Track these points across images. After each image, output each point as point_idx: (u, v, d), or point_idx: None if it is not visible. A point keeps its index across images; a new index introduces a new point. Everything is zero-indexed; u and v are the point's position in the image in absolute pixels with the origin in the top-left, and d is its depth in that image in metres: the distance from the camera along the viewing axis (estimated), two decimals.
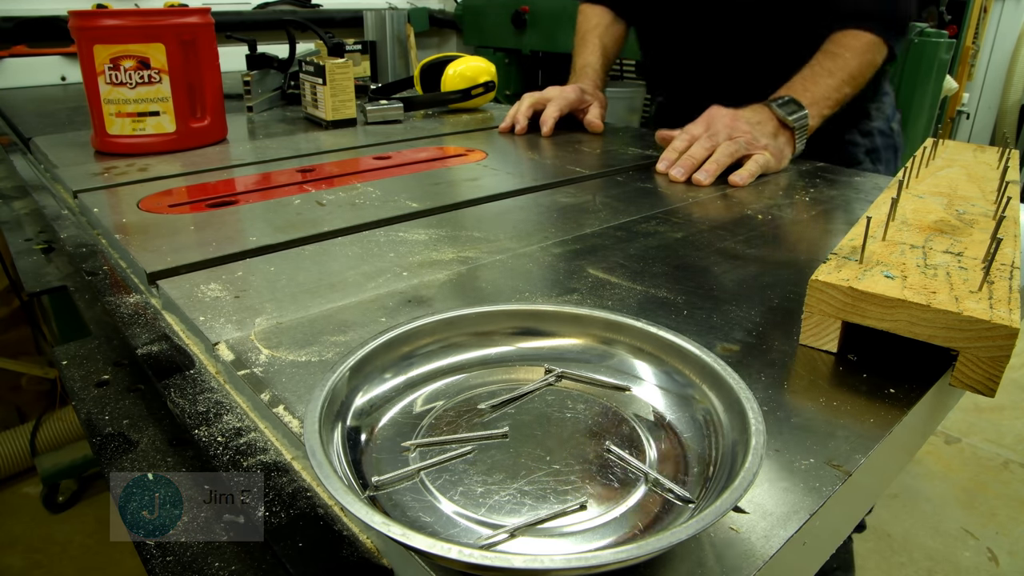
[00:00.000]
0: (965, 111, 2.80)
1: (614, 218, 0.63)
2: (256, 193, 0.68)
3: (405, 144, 0.93)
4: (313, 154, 0.86)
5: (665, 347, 0.32)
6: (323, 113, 1.04)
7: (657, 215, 0.64)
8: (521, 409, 0.32)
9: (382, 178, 0.74)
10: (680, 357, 0.32)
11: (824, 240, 0.59)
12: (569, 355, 0.34)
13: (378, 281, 0.47)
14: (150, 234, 0.55)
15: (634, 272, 0.50)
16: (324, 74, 1.01)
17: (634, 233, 0.58)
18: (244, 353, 0.38)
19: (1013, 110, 2.79)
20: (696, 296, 0.46)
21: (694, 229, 0.60)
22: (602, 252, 0.54)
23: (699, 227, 0.60)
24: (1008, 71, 2.76)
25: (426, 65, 1.25)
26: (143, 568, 0.44)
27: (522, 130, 0.99)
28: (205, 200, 0.65)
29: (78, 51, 0.78)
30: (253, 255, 0.52)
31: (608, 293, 0.46)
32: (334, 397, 0.29)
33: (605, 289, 0.47)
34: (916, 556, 1.53)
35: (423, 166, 0.80)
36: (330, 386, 0.29)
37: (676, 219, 0.62)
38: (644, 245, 0.56)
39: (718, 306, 0.45)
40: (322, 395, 0.28)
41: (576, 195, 0.70)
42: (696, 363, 0.31)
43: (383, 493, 0.27)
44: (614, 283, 0.48)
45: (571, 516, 0.26)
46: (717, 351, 0.38)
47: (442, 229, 0.58)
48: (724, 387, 0.29)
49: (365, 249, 0.53)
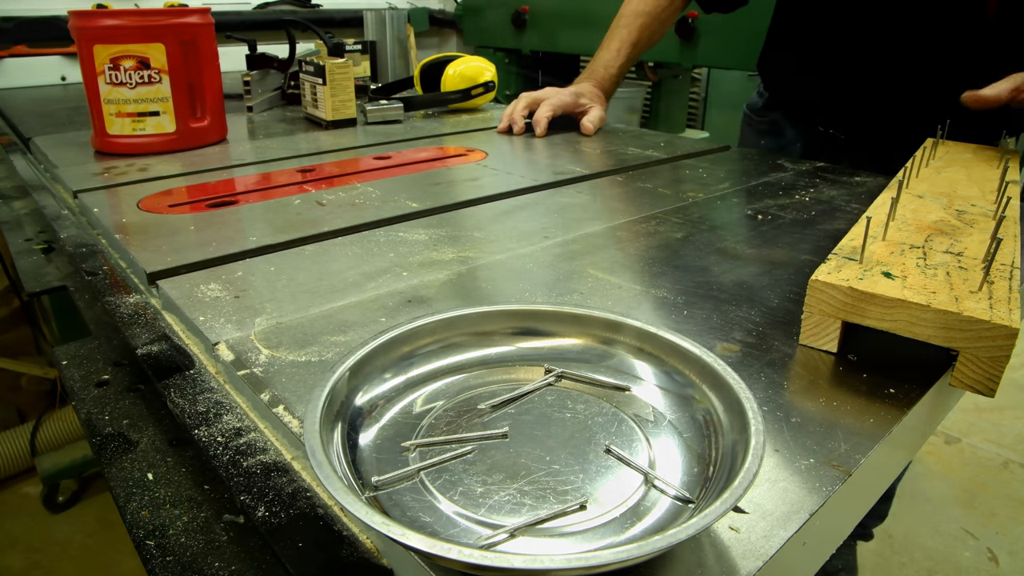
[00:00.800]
0: None
1: (613, 218, 0.62)
2: (256, 193, 0.68)
3: (405, 144, 0.93)
4: (313, 154, 0.86)
5: (665, 347, 0.32)
6: (323, 113, 1.04)
7: (657, 215, 0.63)
8: (521, 409, 0.32)
9: (382, 178, 0.74)
10: (680, 357, 0.32)
11: (824, 240, 0.59)
12: (569, 355, 0.34)
13: (378, 281, 0.47)
14: (150, 234, 0.55)
15: (634, 272, 0.50)
16: (324, 74, 1.01)
17: (634, 233, 0.58)
18: (244, 353, 0.38)
19: None
20: (695, 296, 0.46)
21: (694, 229, 0.60)
22: (603, 252, 0.54)
23: (699, 227, 0.60)
24: None
25: (426, 65, 1.25)
26: (143, 568, 0.44)
27: (520, 130, 0.99)
28: (205, 200, 0.65)
29: (78, 51, 0.78)
30: (253, 255, 0.52)
31: (609, 294, 0.46)
32: (334, 397, 0.29)
33: (606, 289, 0.47)
34: (916, 556, 1.53)
35: (423, 166, 0.80)
36: (330, 386, 0.29)
37: (676, 219, 0.62)
38: (645, 245, 0.56)
39: (718, 306, 0.45)
40: (322, 395, 0.28)
41: (576, 195, 0.70)
42: (696, 363, 0.31)
43: (383, 493, 0.27)
44: (614, 283, 0.48)
45: (571, 516, 0.26)
46: (717, 351, 0.38)
47: (442, 229, 0.58)
48: (724, 387, 0.29)
49: (365, 249, 0.53)
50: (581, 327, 0.34)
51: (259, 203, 0.64)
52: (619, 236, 0.58)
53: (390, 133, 1.00)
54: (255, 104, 1.17)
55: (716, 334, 0.41)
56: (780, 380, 0.37)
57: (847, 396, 0.36)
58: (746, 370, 0.37)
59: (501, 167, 0.79)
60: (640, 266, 0.51)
